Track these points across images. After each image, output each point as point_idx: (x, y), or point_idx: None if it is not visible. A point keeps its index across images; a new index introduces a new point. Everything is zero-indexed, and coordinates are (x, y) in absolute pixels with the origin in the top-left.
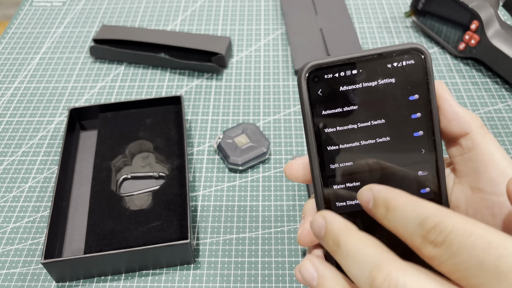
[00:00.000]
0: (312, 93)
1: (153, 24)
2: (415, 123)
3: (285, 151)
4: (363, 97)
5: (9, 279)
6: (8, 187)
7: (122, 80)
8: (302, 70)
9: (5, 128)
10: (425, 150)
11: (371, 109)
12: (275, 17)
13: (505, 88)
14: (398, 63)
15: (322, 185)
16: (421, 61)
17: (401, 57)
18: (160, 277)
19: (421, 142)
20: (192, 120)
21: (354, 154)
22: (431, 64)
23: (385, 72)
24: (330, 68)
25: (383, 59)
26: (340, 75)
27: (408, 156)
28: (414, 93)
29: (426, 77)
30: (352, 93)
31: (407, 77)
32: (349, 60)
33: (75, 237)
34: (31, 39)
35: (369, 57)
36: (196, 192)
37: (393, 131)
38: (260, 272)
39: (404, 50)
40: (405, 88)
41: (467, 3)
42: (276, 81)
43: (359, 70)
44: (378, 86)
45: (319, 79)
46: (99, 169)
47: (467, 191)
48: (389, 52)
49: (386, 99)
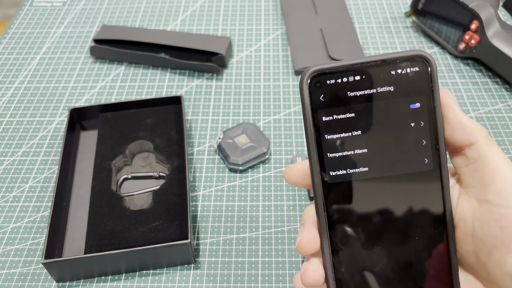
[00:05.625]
0: (314, 99)
1: (153, 24)
2: (419, 131)
3: (285, 151)
4: (366, 104)
5: (10, 279)
6: (9, 187)
7: (122, 80)
8: (304, 75)
9: (6, 128)
10: (428, 159)
11: (374, 116)
12: (275, 17)
13: (505, 88)
14: (403, 70)
15: (322, 192)
16: (426, 68)
17: (405, 64)
18: (160, 277)
19: (424, 151)
20: (192, 120)
21: (355, 162)
22: (436, 71)
23: (389, 79)
24: (333, 74)
25: (387, 66)
26: (342, 81)
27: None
28: (418, 101)
29: (431, 84)
30: (354, 99)
31: (411, 85)
32: (353, 66)
33: (76, 237)
34: (31, 39)
35: (373, 64)
36: (196, 192)
37: (396, 139)
38: (260, 272)
39: (409, 57)
40: (409, 95)
41: (467, 3)
42: (276, 81)
43: (363, 76)
44: (381, 93)
45: (321, 85)
46: (99, 169)
47: (473, 202)
48: (393, 59)
49: (389, 106)
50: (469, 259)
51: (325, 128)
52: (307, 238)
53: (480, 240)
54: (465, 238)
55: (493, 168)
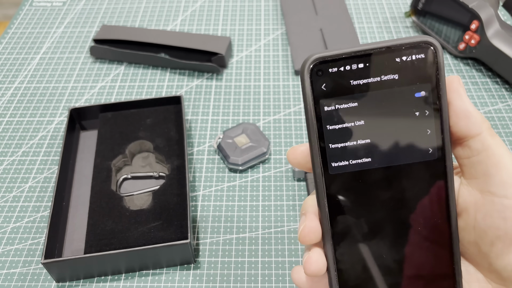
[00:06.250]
0: (315, 88)
1: (153, 24)
2: (424, 120)
3: (285, 151)
4: (369, 92)
5: (9, 279)
6: (8, 187)
7: (122, 80)
8: (305, 63)
9: (5, 128)
10: (432, 149)
11: (377, 105)
12: (275, 17)
13: (505, 88)
14: (408, 57)
15: (324, 183)
16: (432, 55)
17: (410, 50)
18: (160, 277)
19: (429, 140)
20: (192, 120)
21: (358, 152)
22: (442, 58)
23: (393, 66)
24: (335, 62)
25: (391, 53)
26: (345, 69)
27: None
28: (424, 89)
29: (437, 72)
30: (357, 88)
31: (416, 72)
32: (355, 53)
33: (75, 237)
34: (31, 39)
35: (377, 50)
36: (196, 192)
37: (400, 129)
38: (260, 272)
39: (414, 43)
40: (414, 83)
41: (467, 3)
42: (276, 81)
43: (366, 64)
44: (385, 81)
45: (323, 73)
46: (99, 169)
47: (475, 193)
48: (398, 45)
49: (393, 95)
50: (470, 249)
51: (327, 118)
52: (309, 227)
53: (482, 230)
54: (466, 228)
55: (498, 160)
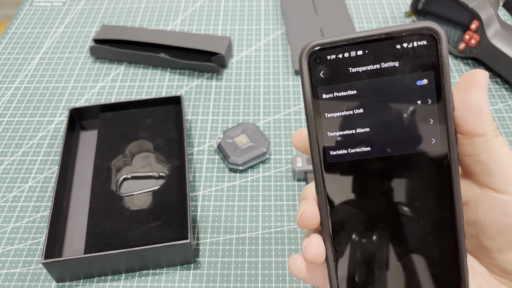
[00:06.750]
0: (314, 75)
1: (153, 24)
2: (426, 110)
3: (285, 151)
4: (369, 81)
5: (9, 279)
6: (8, 187)
7: (122, 80)
8: (303, 51)
9: (5, 128)
10: (436, 139)
11: (378, 93)
12: (275, 17)
13: (505, 88)
14: (409, 44)
15: (322, 172)
16: (435, 41)
17: (412, 37)
18: (160, 277)
19: (431, 130)
20: (192, 120)
21: (357, 141)
22: (445, 45)
23: (394, 53)
24: (334, 49)
25: (392, 40)
26: (344, 56)
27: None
28: (426, 77)
29: (440, 59)
30: (357, 75)
31: (418, 59)
32: (355, 40)
33: (75, 237)
34: (31, 39)
35: (377, 37)
36: (196, 192)
37: (400, 118)
38: (260, 272)
39: (416, 29)
40: (416, 71)
41: (467, 3)
42: (276, 81)
43: (365, 51)
44: (385, 68)
45: (321, 60)
46: (99, 169)
47: (476, 189)
48: (399, 32)
49: (394, 83)
50: (472, 242)
51: (325, 106)
52: (309, 211)
53: (483, 225)
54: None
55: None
